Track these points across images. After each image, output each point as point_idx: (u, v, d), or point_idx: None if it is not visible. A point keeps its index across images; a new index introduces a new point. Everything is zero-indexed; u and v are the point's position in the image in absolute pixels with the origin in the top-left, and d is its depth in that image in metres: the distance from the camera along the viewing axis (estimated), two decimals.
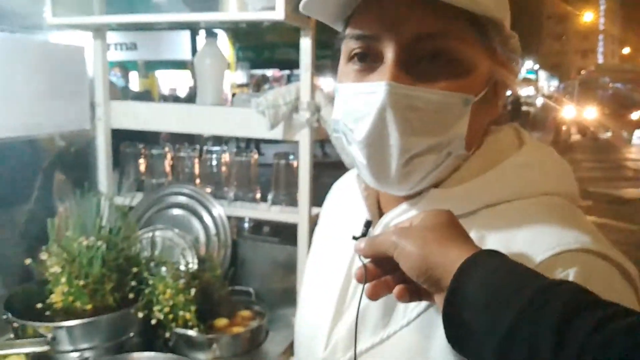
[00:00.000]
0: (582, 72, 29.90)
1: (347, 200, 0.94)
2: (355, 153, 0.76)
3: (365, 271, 0.70)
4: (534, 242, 0.68)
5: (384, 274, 0.70)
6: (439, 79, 0.70)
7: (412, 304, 0.74)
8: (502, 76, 0.78)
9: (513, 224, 0.71)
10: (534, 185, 0.76)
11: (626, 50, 45.57)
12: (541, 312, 0.52)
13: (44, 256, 1.46)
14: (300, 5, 0.76)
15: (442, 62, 0.71)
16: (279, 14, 1.47)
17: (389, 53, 0.71)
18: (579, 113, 19.56)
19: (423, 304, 0.73)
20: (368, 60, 0.74)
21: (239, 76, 15.76)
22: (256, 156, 1.90)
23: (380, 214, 0.86)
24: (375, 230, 0.82)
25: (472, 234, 0.71)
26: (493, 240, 0.71)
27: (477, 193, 0.75)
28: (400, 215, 0.80)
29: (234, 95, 2.02)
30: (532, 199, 0.74)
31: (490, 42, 0.74)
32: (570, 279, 0.64)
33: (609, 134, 17.61)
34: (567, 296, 0.53)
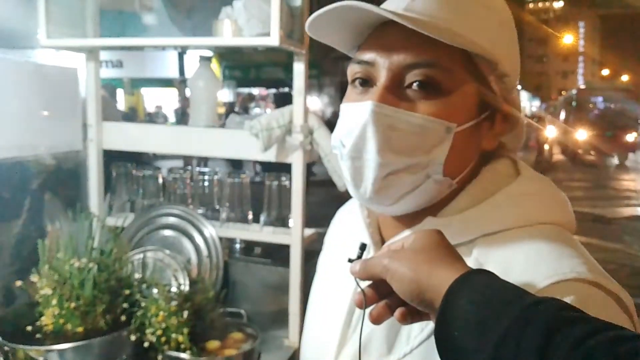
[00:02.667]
0: (563, 92, 30.18)
1: (350, 226, 0.97)
2: (343, 166, 0.81)
3: (364, 296, 0.71)
4: (531, 271, 0.71)
5: (382, 296, 0.71)
6: (424, 105, 0.75)
7: (415, 331, 0.76)
8: (501, 110, 0.81)
9: (510, 253, 0.74)
10: (530, 215, 0.79)
11: (605, 72, 46.47)
12: (526, 328, 0.54)
13: (34, 278, 1.45)
14: (307, 27, 0.80)
15: (429, 89, 0.75)
16: (273, 40, 1.49)
17: (381, 77, 0.77)
18: (563, 133, 19.58)
19: (426, 331, 0.75)
20: (366, 85, 0.79)
21: (226, 94, 15.86)
22: (247, 178, 1.90)
23: (383, 240, 0.88)
24: None
25: (471, 262, 0.73)
26: (491, 268, 0.71)
27: (474, 222, 0.78)
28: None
29: (227, 114, 2.03)
30: (528, 228, 0.77)
31: (482, 77, 0.78)
32: None
33: (592, 157, 17.41)
34: (550, 314, 0.55)
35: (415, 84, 0.75)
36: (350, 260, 0.75)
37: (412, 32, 0.71)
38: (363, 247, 0.78)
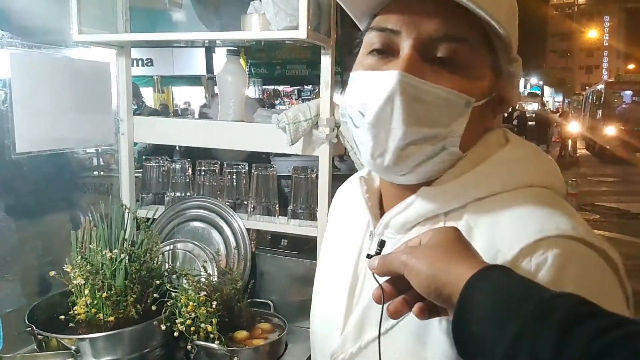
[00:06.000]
0: (587, 88, 29.56)
1: (351, 202, 1.00)
2: (359, 135, 0.82)
3: (382, 292, 0.73)
4: (517, 230, 0.73)
5: (400, 291, 0.73)
6: (447, 79, 0.77)
7: None
8: (504, 93, 0.84)
9: (498, 214, 0.76)
10: (519, 178, 0.81)
11: (631, 67, 45.53)
12: (543, 323, 0.55)
13: (67, 268, 1.48)
14: None
15: (453, 64, 0.77)
16: (301, 33, 1.50)
17: (406, 48, 0.77)
18: (588, 128, 19.18)
19: None
20: (386, 53, 0.80)
21: (252, 91, 16.00)
22: (275, 171, 1.92)
23: (382, 215, 0.90)
24: (377, 229, 0.88)
25: (462, 226, 0.77)
26: (480, 230, 0.76)
27: (465, 188, 0.81)
28: (398, 213, 0.85)
29: None
30: (518, 191, 0.79)
31: (497, 59, 0.81)
32: (549, 261, 0.68)
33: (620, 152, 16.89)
34: (568, 307, 0.55)
35: (441, 58, 0.77)
36: (368, 256, 0.76)
37: (440, 4, 0.74)
38: (382, 244, 0.79)
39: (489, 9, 0.73)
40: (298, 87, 17.63)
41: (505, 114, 0.91)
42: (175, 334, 1.47)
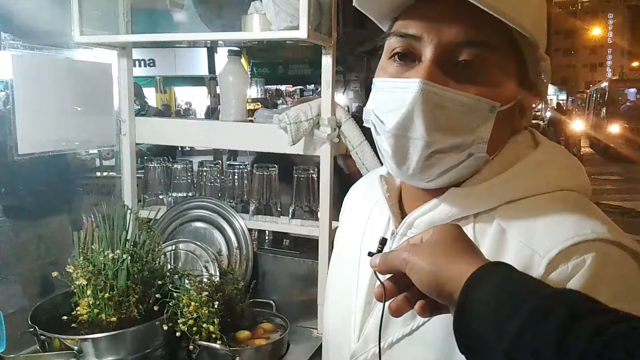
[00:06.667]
0: (591, 86, 29.43)
1: (367, 202, 0.99)
2: (382, 143, 0.81)
3: (384, 290, 0.73)
4: (553, 233, 0.73)
5: (402, 289, 0.73)
6: (470, 84, 0.75)
7: None
8: (528, 97, 0.83)
9: (532, 217, 0.76)
10: (549, 181, 0.81)
11: (635, 64, 45.34)
12: (544, 320, 0.55)
13: (69, 269, 1.48)
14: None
15: (476, 69, 0.75)
16: (302, 33, 1.50)
17: (428, 54, 0.76)
18: (592, 126, 19.09)
19: None
20: (407, 59, 0.79)
21: (254, 91, 16.07)
22: (276, 171, 1.92)
23: (402, 214, 0.90)
24: (399, 229, 0.87)
25: (493, 228, 0.77)
26: (514, 233, 0.76)
27: (496, 190, 0.80)
28: (424, 213, 0.84)
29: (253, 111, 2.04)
30: (548, 194, 0.79)
31: (523, 62, 0.79)
32: (587, 264, 0.68)
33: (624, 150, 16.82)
34: (569, 304, 0.56)
35: (463, 63, 0.75)
36: (370, 254, 0.76)
37: (462, 8, 0.71)
38: (383, 241, 0.79)
39: (511, 12, 0.72)
40: (300, 87, 17.70)
41: None
42: (178, 334, 1.47)
